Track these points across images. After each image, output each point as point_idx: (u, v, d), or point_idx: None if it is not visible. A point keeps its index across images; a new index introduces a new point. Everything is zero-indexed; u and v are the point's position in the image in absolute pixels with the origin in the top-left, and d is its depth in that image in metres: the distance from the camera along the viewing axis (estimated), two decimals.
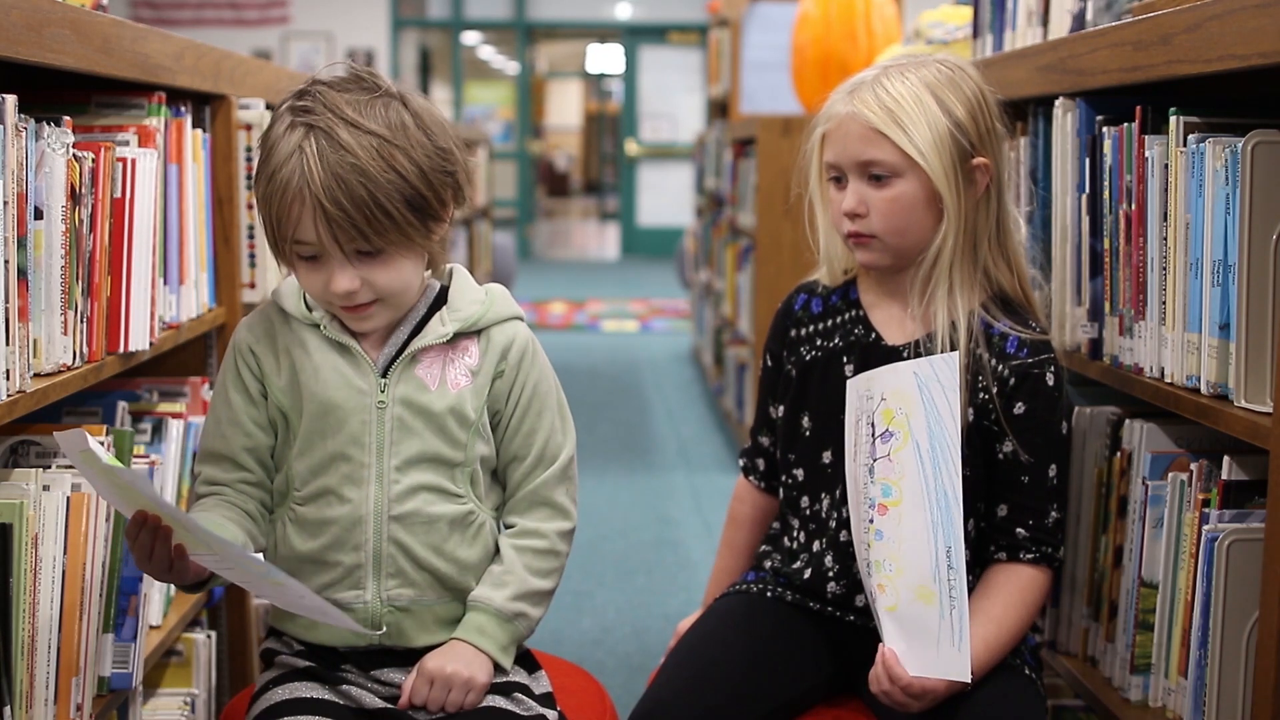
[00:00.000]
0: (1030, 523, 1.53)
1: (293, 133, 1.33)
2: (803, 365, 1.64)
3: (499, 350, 1.47)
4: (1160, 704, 1.51)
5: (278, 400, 1.44)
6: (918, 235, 1.53)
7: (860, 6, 4.52)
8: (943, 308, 1.52)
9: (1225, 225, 1.32)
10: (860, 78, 1.55)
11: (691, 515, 4.03)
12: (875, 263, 1.56)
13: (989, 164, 1.53)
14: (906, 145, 1.49)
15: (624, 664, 2.84)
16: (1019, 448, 1.52)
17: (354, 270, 1.35)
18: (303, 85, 1.39)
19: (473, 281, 1.51)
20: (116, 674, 1.51)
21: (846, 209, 1.53)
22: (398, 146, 1.33)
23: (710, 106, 8.21)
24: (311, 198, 1.31)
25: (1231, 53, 1.24)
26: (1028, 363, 1.52)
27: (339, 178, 1.30)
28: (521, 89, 13.95)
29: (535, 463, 1.49)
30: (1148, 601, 1.51)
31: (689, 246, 7.49)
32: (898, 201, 1.51)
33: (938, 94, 1.50)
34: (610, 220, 18.18)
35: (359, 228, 1.32)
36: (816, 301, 1.66)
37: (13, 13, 1.25)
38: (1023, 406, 1.52)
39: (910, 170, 1.50)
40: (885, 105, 1.50)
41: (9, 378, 1.27)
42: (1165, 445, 1.52)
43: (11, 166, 1.25)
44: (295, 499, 1.45)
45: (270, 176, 1.34)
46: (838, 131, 1.54)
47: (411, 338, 1.45)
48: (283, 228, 1.34)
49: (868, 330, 1.60)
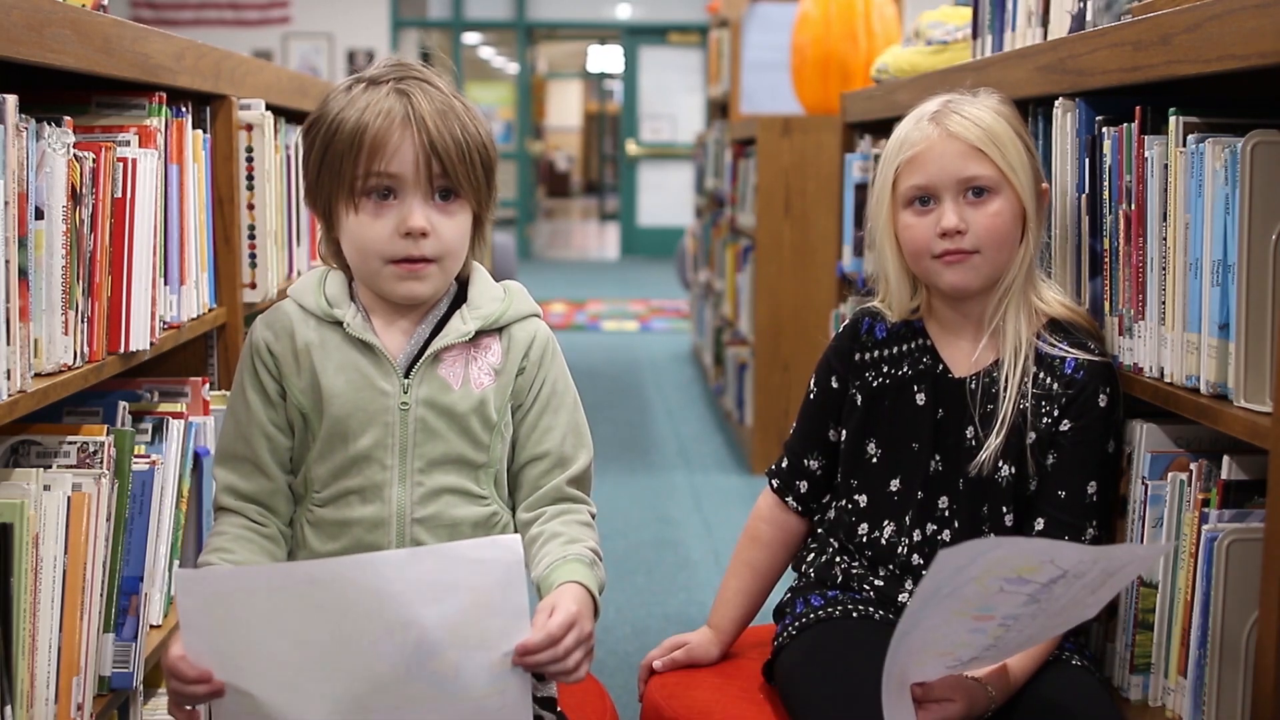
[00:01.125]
0: (1066, 539, 1.51)
1: (377, 89, 1.39)
2: (869, 391, 1.62)
3: (522, 347, 1.47)
4: (1160, 703, 1.51)
5: (297, 401, 1.43)
6: (1010, 252, 1.55)
7: (860, 6, 4.52)
8: (1011, 332, 1.55)
9: (1225, 225, 1.32)
10: (927, 108, 1.57)
11: (691, 515, 4.03)
12: (968, 284, 1.55)
13: (1048, 190, 1.58)
14: (1002, 163, 1.52)
15: (624, 664, 2.84)
16: (1060, 462, 1.53)
17: (429, 209, 1.38)
18: (357, 73, 1.44)
19: (490, 279, 1.50)
20: (117, 674, 1.51)
21: (948, 225, 1.53)
22: (475, 116, 1.42)
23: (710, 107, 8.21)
24: (417, 122, 1.36)
25: (1231, 53, 1.24)
26: (1082, 382, 1.53)
27: (443, 114, 1.38)
28: (521, 89, 13.95)
29: (552, 464, 1.47)
30: (1147, 601, 1.51)
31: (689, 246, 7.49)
32: (999, 216, 1.53)
33: (1009, 119, 1.55)
34: (610, 220, 18.17)
35: (453, 159, 1.37)
36: (880, 327, 1.64)
37: (13, 13, 1.25)
38: (1069, 424, 1.53)
39: (1006, 188, 1.53)
40: (979, 125, 1.53)
41: (10, 377, 1.27)
42: (1165, 445, 1.52)
43: (12, 166, 1.25)
44: (314, 500, 1.44)
45: (362, 113, 1.37)
46: (929, 154, 1.55)
47: (433, 337, 1.44)
48: (371, 160, 1.36)
49: (935, 360, 1.60)
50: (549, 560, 1.39)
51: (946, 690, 1.40)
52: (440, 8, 13.01)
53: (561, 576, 1.36)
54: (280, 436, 1.44)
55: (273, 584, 1.22)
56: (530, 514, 1.47)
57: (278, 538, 1.44)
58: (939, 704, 1.39)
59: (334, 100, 1.40)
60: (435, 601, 1.20)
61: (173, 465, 1.71)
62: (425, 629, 1.20)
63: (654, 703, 1.65)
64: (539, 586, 1.39)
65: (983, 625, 1.25)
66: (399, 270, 1.39)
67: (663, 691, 1.66)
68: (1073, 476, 1.53)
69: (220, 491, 1.45)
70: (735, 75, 6.69)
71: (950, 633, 1.27)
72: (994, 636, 1.27)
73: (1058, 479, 1.54)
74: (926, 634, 1.26)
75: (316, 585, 1.20)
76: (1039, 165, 1.58)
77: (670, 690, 1.66)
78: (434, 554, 1.22)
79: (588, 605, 1.32)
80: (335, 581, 1.20)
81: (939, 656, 1.32)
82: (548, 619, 1.27)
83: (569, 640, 1.26)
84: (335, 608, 1.20)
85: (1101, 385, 1.53)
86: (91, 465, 1.44)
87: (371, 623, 1.20)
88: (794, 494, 1.71)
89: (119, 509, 1.49)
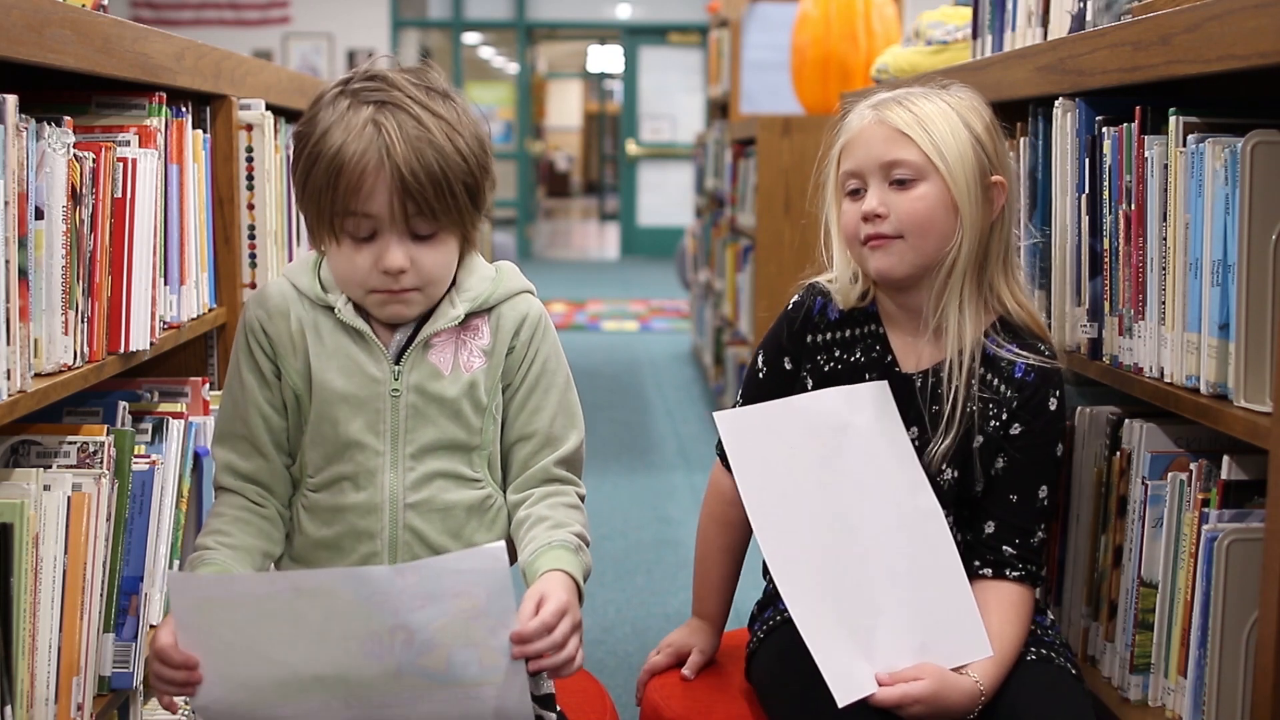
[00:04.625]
0: (1017, 541, 1.53)
1: (359, 110, 1.35)
2: (820, 375, 1.60)
3: (511, 326, 1.46)
4: (1160, 703, 1.51)
5: (292, 382, 1.44)
6: (937, 241, 1.52)
7: (860, 6, 4.52)
8: (953, 329, 1.53)
9: (1225, 225, 1.32)
10: (878, 97, 1.58)
11: (691, 515, 4.03)
12: (893, 269, 1.53)
13: (1005, 183, 1.55)
14: (929, 148, 1.50)
15: (624, 664, 2.84)
16: (1012, 466, 1.54)
17: (407, 247, 1.36)
18: (347, 77, 1.40)
19: (481, 259, 1.50)
20: (117, 674, 1.51)
21: (868, 209, 1.52)
22: (459, 133, 1.37)
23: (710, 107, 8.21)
24: (390, 167, 1.32)
25: (1231, 53, 1.24)
26: (1033, 387, 1.53)
27: (418, 151, 1.33)
28: (521, 89, 13.95)
29: (541, 444, 1.46)
30: (1147, 601, 1.51)
31: (689, 246, 7.49)
32: (921, 200, 1.51)
33: (960, 111, 1.54)
34: (610, 220, 18.17)
35: (429, 201, 1.34)
36: (832, 308, 1.62)
37: (13, 13, 1.25)
38: (1020, 427, 1.54)
39: (933, 174, 1.51)
40: (911, 112, 1.53)
41: (10, 378, 1.27)
42: (1165, 445, 1.52)
43: (12, 167, 1.25)
44: (308, 485, 1.45)
45: (338, 149, 1.33)
46: (859, 139, 1.55)
47: (423, 323, 1.44)
48: (346, 200, 1.34)
49: (885, 350, 1.59)
50: (534, 546, 1.39)
51: (913, 671, 1.41)
52: (440, 8, 13.01)
53: (546, 564, 1.36)
54: (275, 417, 1.45)
55: (259, 592, 1.24)
56: (518, 495, 1.46)
57: (276, 519, 1.45)
58: (905, 684, 1.40)
59: (319, 117, 1.37)
60: (422, 609, 1.21)
61: (173, 465, 1.71)
62: (413, 631, 1.22)
63: (654, 703, 1.65)
64: (524, 572, 1.39)
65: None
66: (381, 297, 1.40)
67: (662, 691, 1.66)
68: (1024, 480, 1.54)
69: (219, 470, 1.46)
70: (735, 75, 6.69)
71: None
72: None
73: (1009, 483, 1.54)
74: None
75: (302, 595, 1.22)
76: (995, 159, 1.54)
77: (670, 690, 1.66)
78: (419, 569, 1.23)
79: (574, 593, 1.33)
80: (321, 593, 1.22)
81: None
82: (539, 607, 1.27)
83: (564, 626, 1.27)
84: (321, 618, 1.22)
85: (1051, 389, 1.54)
86: (91, 465, 1.44)
87: (359, 632, 1.22)
88: None
89: (119, 509, 1.49)
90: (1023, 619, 1.52)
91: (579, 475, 1.50)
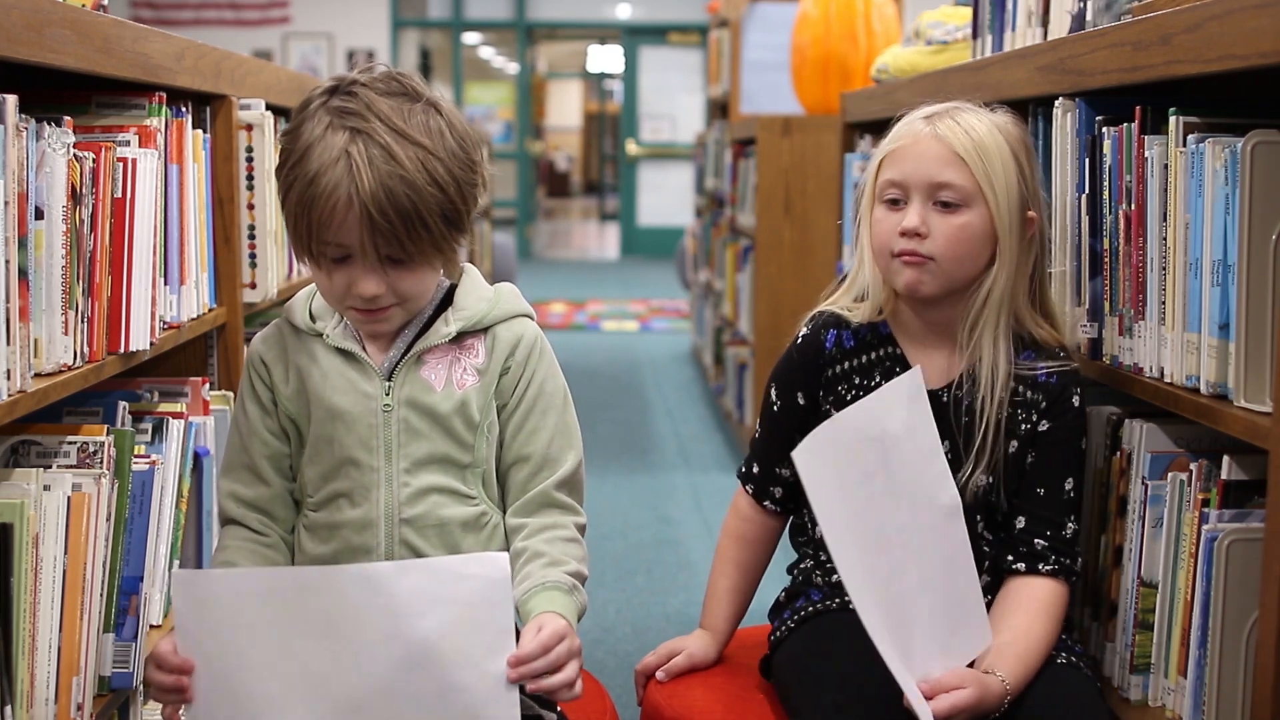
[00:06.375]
0: (1048, 533, 1.53)
1: (335, 134, 1.32)
2: (844, 404, 1.57)
3: (506, 347, 1.46)
4: (1160, 703, 1.51)
5: (286, 408, 1.46)
6: (971, 269, 1.52)
7: (860, 6, 4.51)
8: (987, 352, 1.53)
9: (1225, 225, 1.32)
10: (931, 109, 1.56)
11: (691, 515, 4.03)
12: (921, 288, 1.53)
13: (1037, 219, 1.55)
14: (981, 176, 1.50)
15: (624, 664, 2.84)
16: (1039, 461, 1.54)
17: (381, 275, 1.36)
18: (335, 82, 1.37)
19: (482, 281, 1.50)
20: (117, 674, 1.51)
21: (908, 226, 1.51)
22: (438, 158, 1.34)
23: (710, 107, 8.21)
24: (360, 204, 1.30)
25: (1231, 53, 1.24)
26: (1059, 387, 1.55)
27: (388, 188, 1.30)
28: (521, 89, 13.95)
29: (539, 466, 1.46)
30: (1147, 601, 1.51)
31: (689, 246, 7.49)
32: (964, 229, 1.51)
33: (1009, 140, 1.53)
34: (610, 220, 18.18)
35: (399, 237, 1.32)
36: (847, 336, 1.62)
37: (13, 13, 1.25)
38: (1047, 424, 1.55)
39: (978, 203, 1.51)
40: (969, 133, 1.51)
41: (10, 378, 1.27)
42: (1165, 445, 1.52)
43: (12, 166, 1.25)
44: (309, 505, 1.46)
45: (312, 179, 1.32)
46: (910, 150, 1.53)
47: (417, 339, 1.45)
48: (320, 230, 1.34)
49: (905, 370, 1.57)
50: (529, 585, 1.38)
51: (955, 680, 1.40)
52: (440, 8, 13.01)
53: (540, 606, 1.35)
54: (276, 442, 1.47)
55: (264, 588, 1.25)
56: (517, 520, 1.46)
57: (279, 545, 1.47)
58: (950, 693, 1.38)
59: (302, 129, 1.35)
60: (421, 615, 1.21)
61: (173, 465, 1.71)
62: (410, 643, 1.22)
63: (654, 703, 1.65)
64: (518, 609, 1.38)
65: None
66: (361, 315, 1.41)
67: (663, 692, 1.66)
68: (1051, 474, 1.55)
69: (224, 499, 1.48)
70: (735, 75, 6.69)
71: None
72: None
73: (1036, 477, 1.55)
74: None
75: (306, 591, 1.23)
76: (1032, 192, 1.55)
77: (670, 690, 1.66)
78: (422, 567, 1.24)
79: (571, 626, 1.33)
80: (324, 589, 1.23)
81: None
82: (537, 633, 1.27)
83: (561, 649, 1.27)
84: (323, 615, 1.22)
85: (1073, 385, 1.56)
86: (91, 465, 1.44)
87: (358, 633, 1.22)
88: (770, 498, 1.71)
89: (119, 509, 1.49)
90: (1053, 617, 1.51)
91: (579, 500, 1.49)
